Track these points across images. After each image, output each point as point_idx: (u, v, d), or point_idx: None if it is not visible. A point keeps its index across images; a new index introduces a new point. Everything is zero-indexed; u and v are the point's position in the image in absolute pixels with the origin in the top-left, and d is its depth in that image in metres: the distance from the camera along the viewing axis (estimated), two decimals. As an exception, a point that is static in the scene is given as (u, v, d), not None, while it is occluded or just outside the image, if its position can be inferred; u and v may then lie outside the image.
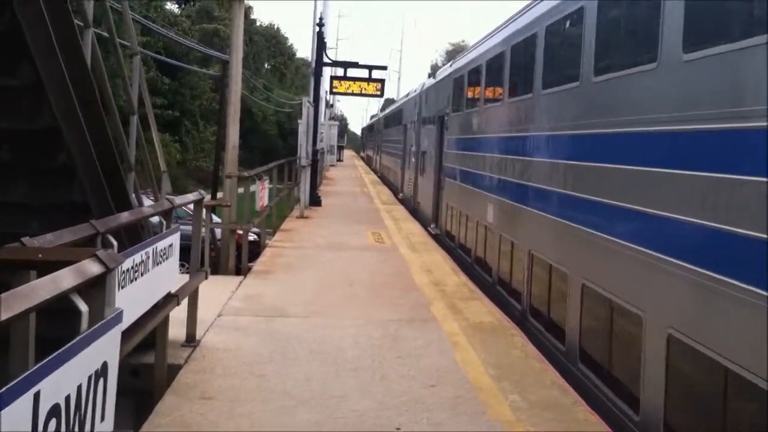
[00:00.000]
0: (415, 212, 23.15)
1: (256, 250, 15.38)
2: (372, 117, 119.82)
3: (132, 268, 4.80)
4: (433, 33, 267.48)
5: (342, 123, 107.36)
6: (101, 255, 3.41)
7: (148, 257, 5.04)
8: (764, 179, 4.30)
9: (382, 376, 6.78)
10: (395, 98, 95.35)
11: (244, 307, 9.26)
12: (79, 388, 2.96)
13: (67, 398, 2.82)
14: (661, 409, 5.48)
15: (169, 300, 5.97)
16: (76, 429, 2.92)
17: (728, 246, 4.69)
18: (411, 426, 5.63)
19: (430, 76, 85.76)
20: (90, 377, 3.08)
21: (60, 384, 2.73)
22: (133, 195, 6.72)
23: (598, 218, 7.06)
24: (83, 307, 3.14)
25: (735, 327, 4.60)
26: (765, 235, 4.26)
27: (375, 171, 53.32)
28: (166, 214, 5.89)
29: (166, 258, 5.61)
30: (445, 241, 16.97)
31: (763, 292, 4.24)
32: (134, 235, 6.08)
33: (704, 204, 4.99)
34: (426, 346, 7.80)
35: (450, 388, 6.52)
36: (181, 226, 15.23)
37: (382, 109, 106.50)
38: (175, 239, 5.89)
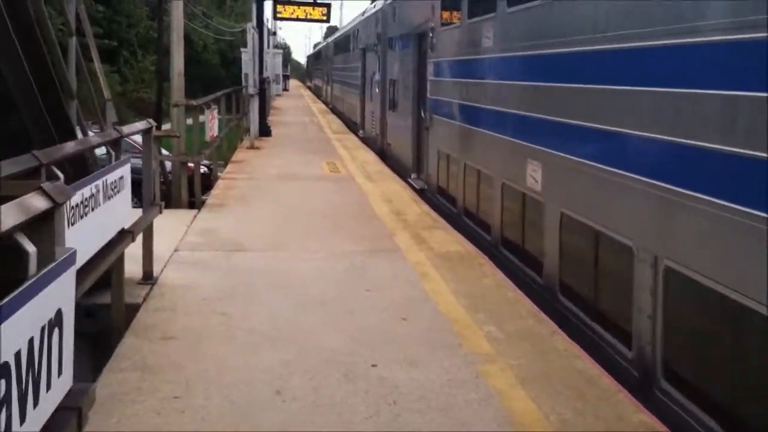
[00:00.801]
0: (383, 155, 18.84)
1: (207, 182, 14.85)
2: (316, 45, 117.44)
3: (81, 203, 4.36)
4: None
5: (285, 52, 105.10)
6: (47, 188, 2.98)
7: (98, 190, 4.59)
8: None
9: (351, 310, 6.48)
10: (338, 26, 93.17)
11: (201, 242, 8.83)
12: (31, 341, 2.57)
13: (17, 355, 2.43)
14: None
15: (124, 236, 5.54)
16: (30, 389, 2.53)
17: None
18: (386, 363, 5.35)
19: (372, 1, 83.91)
20: (43, 328, 2.69)
21: (8, 339, 2.34)
22: (77, 126, 6.19)
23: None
24: (30, 247, 2.73)
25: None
26: None
27: (326, 103, 45.25)
28: (114, 145, 5.40)
29: (118, 191, 5.15)
30: (437, 200, 12.58)
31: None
32: (81, 168, 5.59)
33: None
34: (393, 277, 7.51)
35: (422, 321, 6.26)
36: (133, 160, 14.73)
37: (325, 37, 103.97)
38: (125, 171, 5.42)
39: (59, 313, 2.86)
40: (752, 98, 4.15)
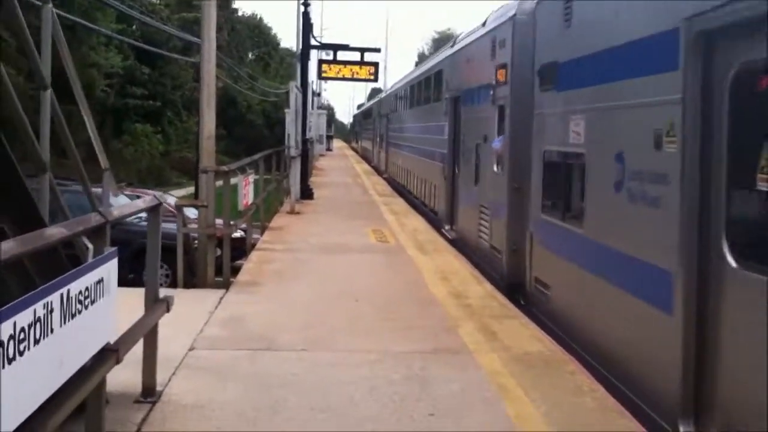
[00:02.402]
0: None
1: (241, 247, 13.45)
2: (359, 106, 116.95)
3: (23, 329, 2.86)
4: (418, 22, 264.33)
5: (329, 112, 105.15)
6: None
7: (52, 310, 3.08)
8: None
9: (413, 447, 4.85)
10: (382, 88, 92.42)
11: (224, 336, 7.29)
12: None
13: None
14: None
15: (105, 357, 4.00)
16: None
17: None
18: None
19: (416, 64, 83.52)
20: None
21: None
22: (60, 203, 4.74)
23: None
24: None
25: None
26: None
27: (378, 172, 36.91)
28: (97, 234, 3.91)
29: (93, 301, 3.65)
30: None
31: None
32: (54, 265, 4.12)
33: None
34: (463, 392, 5.85)
35: (511, 466, 4.60)
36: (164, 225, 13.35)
37: (369, 98, 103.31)
38: (108, 270, 3.91)
39: None
40: None
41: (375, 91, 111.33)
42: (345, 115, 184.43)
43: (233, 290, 9.33)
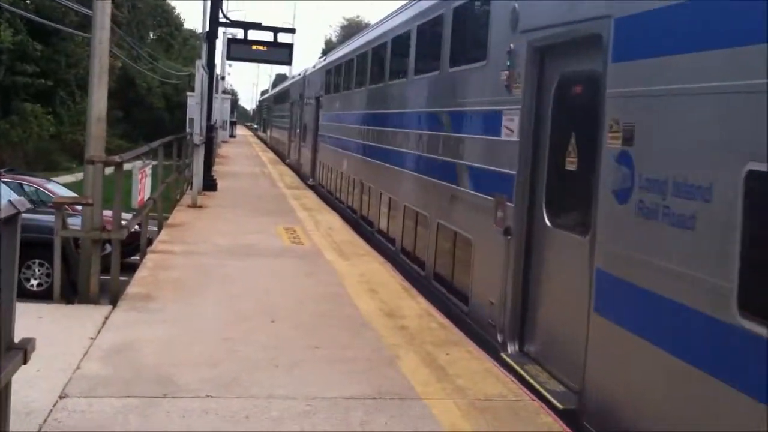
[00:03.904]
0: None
1: (135, 242, 11.79)
2: (263, 92, 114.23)
3: None
4: (327, 8, 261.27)
5: (233, 98, 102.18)
6: None
7: None
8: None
9: None
10: (287, 74, 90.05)
11: (108, 375, 5.73)
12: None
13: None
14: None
15: None
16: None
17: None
18: None
19: (323, 51, 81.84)
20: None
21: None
22: None
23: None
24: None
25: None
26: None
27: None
28: None
29: None
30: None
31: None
32: None
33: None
34: (421, 460, 4.56)
35: None
36: (41, 216, 11.46)
37: (274, 85, 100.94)
38: None
39: None
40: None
41: (280, 78, 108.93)
42: (247, 101, 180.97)
43: (122, 306, 7.74)
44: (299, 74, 34.86)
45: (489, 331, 7.42)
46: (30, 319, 6.67)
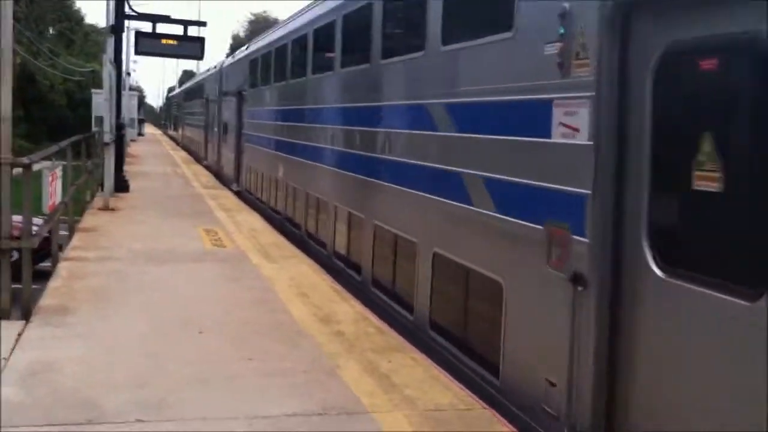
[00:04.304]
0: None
1: (46, 249, 11.06)
2: (170, 89, 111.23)
3: None
4: (231, 5, 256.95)
5: (140, 95, 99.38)
6: None
7: None
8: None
9: None
10: (195, 71, 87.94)
11: (26, 402, 5.19)
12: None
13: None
14: None
15: None
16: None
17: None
18: None
19: (231, 47, 79.96)
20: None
21: None
22: None
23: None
24: None
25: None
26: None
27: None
28: None
29: None
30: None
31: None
32: None
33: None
34: (377, 482, 4.25)
35: None
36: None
37: (181, 82, 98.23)
38: None
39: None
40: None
41: (188, 74, 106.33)
42: (153, 98, 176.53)
43: (36, 321, 7.15)
44: (214, 67, 31.29)
45: (544, 421, 5.11)
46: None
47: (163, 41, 18.85)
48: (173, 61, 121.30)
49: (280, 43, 16.20)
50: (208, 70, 34.76)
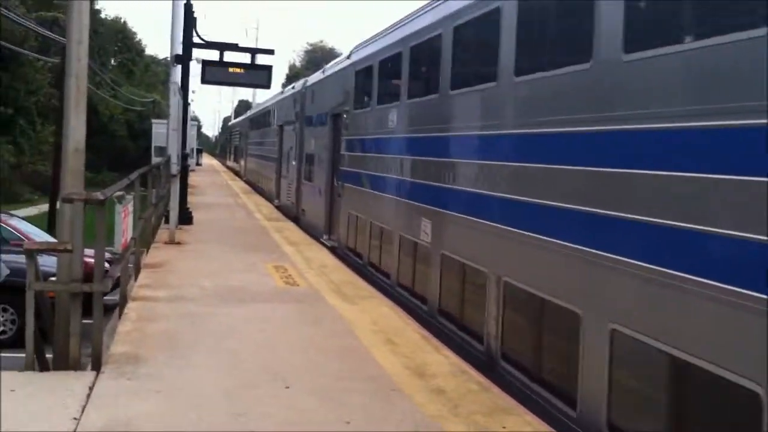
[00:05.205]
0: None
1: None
2: (226, 119, 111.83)
3: None
4: (288, 34, 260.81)
5: (198, 124, 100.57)
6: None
7: None
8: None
9: None
10: (251, 101, 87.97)
11: (100, 473, 4.58)
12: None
13: None
14: None
15: None
16: None
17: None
18: None
19: (287, 77, 79.54)
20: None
21: None
22: None
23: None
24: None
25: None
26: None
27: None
28: None
29: None
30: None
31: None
32: None
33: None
34: None
35: None
36: (4, 256, 10.15)
37: (236, 113, 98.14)
38: None
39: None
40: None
41: (243, 105, 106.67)
42: (209, 128, 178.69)
43: (108, 372, 6.54)
44: (292, 87, 26.39)
45: None
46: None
47: (230, 70, 18.48)
48: (229, 90, 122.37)
49: (416, 40, 10.99)
50: (282, 92, 30.10)
